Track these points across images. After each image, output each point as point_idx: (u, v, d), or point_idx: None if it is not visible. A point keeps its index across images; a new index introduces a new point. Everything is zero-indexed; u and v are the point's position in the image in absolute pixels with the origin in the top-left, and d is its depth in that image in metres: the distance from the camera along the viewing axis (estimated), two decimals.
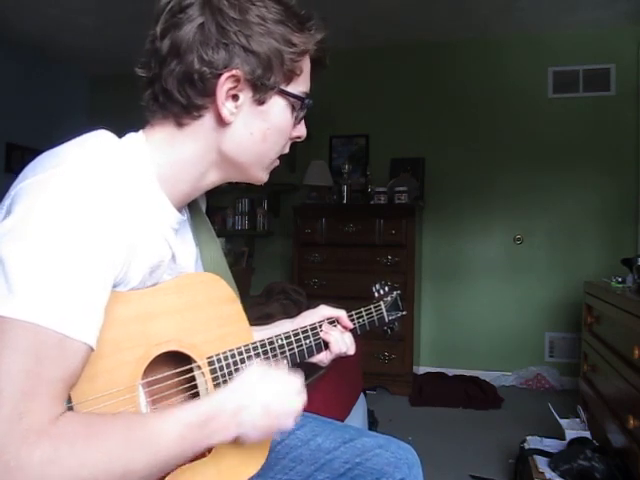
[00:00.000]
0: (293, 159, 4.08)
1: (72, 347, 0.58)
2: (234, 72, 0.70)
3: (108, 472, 0.57)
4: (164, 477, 0.71)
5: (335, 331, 0.96)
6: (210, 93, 0.71)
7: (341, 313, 0.99)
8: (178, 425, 0.64)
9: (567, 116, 3.57)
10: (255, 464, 0.83)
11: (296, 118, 0.79)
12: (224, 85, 0.70)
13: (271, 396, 0.72)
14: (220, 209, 4.17)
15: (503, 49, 3.70)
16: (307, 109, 0.78)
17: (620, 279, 2.40)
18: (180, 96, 0.71)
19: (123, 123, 0.79)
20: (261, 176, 0.82)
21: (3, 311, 0.56)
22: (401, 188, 3.47)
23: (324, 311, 0.98)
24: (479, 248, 3.73)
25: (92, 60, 4.19)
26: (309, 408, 1.17)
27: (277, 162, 0.83)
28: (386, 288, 1.13)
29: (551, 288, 3.58)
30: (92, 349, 0.61)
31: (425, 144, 3.82)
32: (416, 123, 3.86)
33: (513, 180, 3.66)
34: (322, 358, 0.96)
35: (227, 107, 0.72)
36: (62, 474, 0.54)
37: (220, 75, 0.70)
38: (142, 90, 0.75)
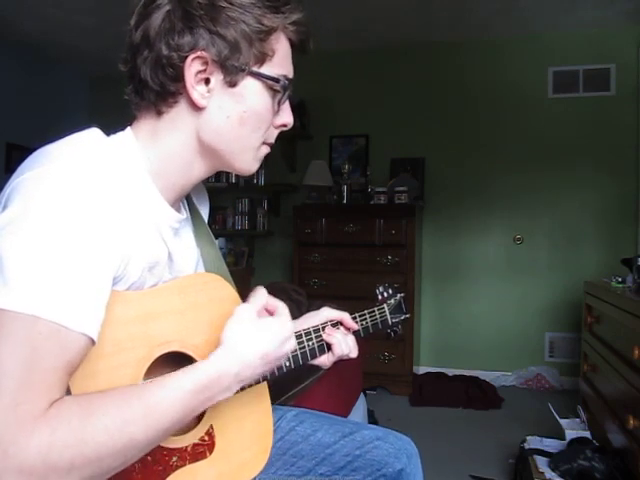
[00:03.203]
0: (293, 159, 4.09)
1: (70, 338, 0.59)
2: (199, 53, 0.70)
3: (109, 446, 0.57)
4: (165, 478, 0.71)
5: (338, 333, 0.96)
6: (180, 78, 0.72)
7: (344, 315, 0.99)
8: (178, 392, 0.64)
9: (567, 116, 3.57)
10: (256, 466, 0.84)
11: (278, 103, 0.78)
12: (191, 67, 0.71)
13: (266, 345, 0.72)
14: (220, 209, 4.17)
15: (503, 49, 3.70)
16: (286, 92, 0.77)
17: (620, 279, 2.40)
18: (154, 83, 0.72)
19: (123, 123, 0.79)
20: (248, 165, 0.80)
21: (0, 303, 0.56)
22: (401, 188, 3.47)
23: (327, 313, 0.98)
24: (479, 248, 3.73)
25: (92, 60, 4.18)
26: (310, 407, 1.17)
27: (266, 149, 0.81)
28: (390, 290, 1.12)
29: (551, 288, 3.58)
30: (92, 341, 0.61)
31: (425, 144, 3.82)
32: (416, 123, 3.85)
33: (513, 180, 3.66)
34: (324, 361, 0.96)
35: (198, 90, 0.72)
36: (62, 455, 0.54)
37: (186, 58, 0.71)
38: (125, 85, 0.77)
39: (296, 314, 1.02)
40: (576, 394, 2.95)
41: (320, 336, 0.94)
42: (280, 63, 0.76)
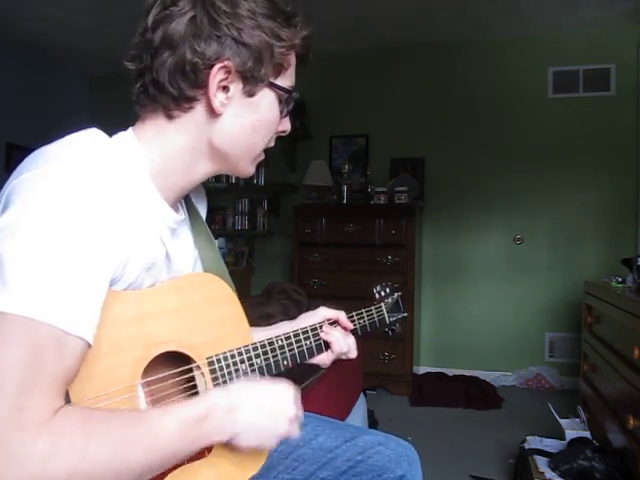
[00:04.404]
0: (293, 159, 4.09)
1: (69, 342, 0.59)
2: (226, 63, 0.71)
3: (106, 467, 0.58)
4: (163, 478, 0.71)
5: (336, 331, 0.96)
6: (202, 84, 0.72)
7: (340, 314, 0.99)
8: (175, 421, 0.64)
9: (567, 116, 3.57)
10: (254, 465, 0.84)
11: (282, 112, 0.80)
12: (216, 76, 0.72)
13: (266, 397, 0.73)
14: (220, 209, 4.17)
15: (504, 49, 3.70)
16: (294, 103, 0.80)
17: (620, 279, 2.40)
18: (171, 87, 0.72)
19: (123, 123, 0.79)
20: (250, 169, 0.83)
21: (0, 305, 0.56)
22: (401, 188, 3.47)
23: (324, 312, 0.98)
24: (479, 248, 3.73)
25: (92, 60, 4.18)
26: (309, 408, 1.17)
27: (262, 156, 0.84)
28: (387, 289, 1.12)
29: (551, 288, 3.57)
30: (89, 345, 0.61)
31: (425, 144, 3.82)
32: (416, 123, 3.85)
33: (513, 180, 3.65)
34: (323, 359, 0.97)
35: (218, 98, 0.73)
36: (61, 467, 0.55)
37: (212, 66, 0.71)
38: (132, 83, 0.76)
39: (296, 314, 1.02)
40: (576, 394, 2.95)
41: (318, 335, 0.95)
42: (290, 75, 0.79)
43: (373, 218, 3.39)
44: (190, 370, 0.77)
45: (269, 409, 0.73)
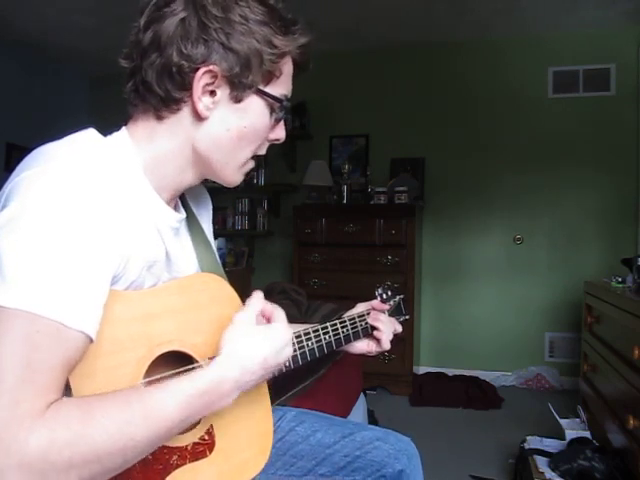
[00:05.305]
0: (293, 159, 4.09)
1: (69, 336, 0.59)
2: (211, 67, 0.71)
3: (108, 446, 0.58)
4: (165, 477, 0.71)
5: (382, 316, 1.06)
6: (187, 87, 0.72)
7: (372, 302, 1.09)
8: (179, 395, 0.64)
9: (567, 116, 3.57)
10: (256, 466, 0.84)
11: (275, 120, 0.79)
12: (201, 80, 0.71)
13: (266, 352, 0.72)
14: (220, 209, 4.17)
15: (503, 49, 3.70)
16: (286, 112, 0.79)
17: (620, 279, 2.40)
18: (159, 88, 0.72)
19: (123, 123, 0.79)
20: (235, 178, 0.82)
21: None
22: (401, 188, 3.47)
23: (361, 307, 1.08)
24: (479, 248, 3.73)
25: (92, 60, 4.18)
26: (309, 407, 1.17)
27: (252, 164, 0.83)
28: (389, 292, 1.13)
29: (551, 288, 3.58)
30: (91, 339, 0.61)
31: (425, 144, 3.82)
32: (416, 123, 3.86)
33: (513, 180, 3.66)
34: (363, 346, 1.06)
35: (203, 102, 0.73)
36: (61, 453, 0.55)
37: (197, 69, 0.71)
38: (125, 82, 0.77)
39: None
40: (576, 394, 2.95)
41: (364, 320, 1.04)
42: (284, 83, 0.78)
43: (373, 218, 3.39)
44: (192, 370, 0.77)
45: (270, 362, 0.73)
